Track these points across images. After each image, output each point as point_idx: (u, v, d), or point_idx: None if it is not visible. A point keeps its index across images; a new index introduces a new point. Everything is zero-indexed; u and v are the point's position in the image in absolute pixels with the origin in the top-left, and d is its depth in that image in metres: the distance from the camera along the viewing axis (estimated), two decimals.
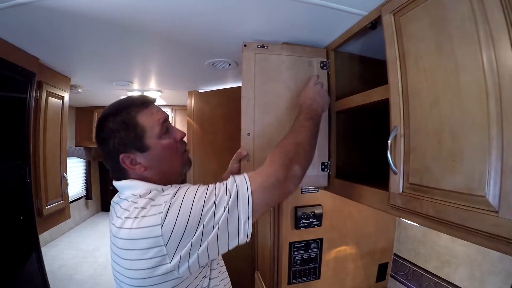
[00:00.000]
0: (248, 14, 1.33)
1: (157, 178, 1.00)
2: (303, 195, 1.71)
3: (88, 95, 3.54)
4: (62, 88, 2.41)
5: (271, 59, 1.45)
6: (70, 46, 1.78)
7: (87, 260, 4.19)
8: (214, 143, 3.03)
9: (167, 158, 1.02)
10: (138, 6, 1.26)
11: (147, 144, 0.98)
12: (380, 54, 1.37)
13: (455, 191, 0.76)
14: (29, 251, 1.92)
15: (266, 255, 2.06)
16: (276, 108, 1.43)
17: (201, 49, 1.85)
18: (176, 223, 0.80)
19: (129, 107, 0.99)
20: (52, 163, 2.30)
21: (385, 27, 1.02)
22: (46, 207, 2.20)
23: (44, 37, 1.62)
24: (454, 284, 1.47)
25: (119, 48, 1.83)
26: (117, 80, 2.76)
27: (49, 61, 2.09)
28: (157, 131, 0.99)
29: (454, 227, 0.76)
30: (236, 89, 2.83)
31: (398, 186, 0.95)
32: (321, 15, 1.29)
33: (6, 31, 1.53)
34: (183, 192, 0.88)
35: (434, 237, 1.60)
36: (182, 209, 0.82)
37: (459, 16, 0.74)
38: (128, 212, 0.87)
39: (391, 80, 0.99)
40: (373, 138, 1.54)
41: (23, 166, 1.89)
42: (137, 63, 2.25)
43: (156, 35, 1.59)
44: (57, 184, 2.40)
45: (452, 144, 0.76)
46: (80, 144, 5.03)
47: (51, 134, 2.27)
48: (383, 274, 1.94)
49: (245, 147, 1.39)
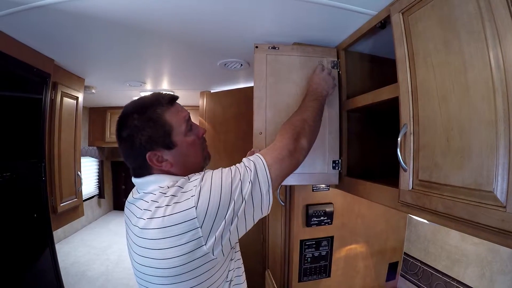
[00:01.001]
0: (259, 15, 1.35)
1: (181, 173, 1.02)
2: (314, 193, 1.72)
3: (101, 96, 3.59)
4: (77, 89, 2.46)
5: (282, 59, 1.47)
6: (84, 47, 1.82)
7: (99, 258, 4.24)
8: (226, 143, 3.06)
9: (192, 154, 1.06)
10: (152, 9, 1.29)
11: (174, 141, 1.00)
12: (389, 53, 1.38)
13: (463, 187, 0.76)
14: (43, 247, 1.97)
15: (277, 253, 2.07)
16: (287, 107, 1.44)
17: (213, 50, 1.88)
18: (209, 203, 0.84)
19: (156, 105, 1.01)
20: (66, 161, 2.35)
21: (394, 26, 1.03)
22: (61, 204, 2.26)
23: (59, 39, 1.66)
24: (464, 284, 1.47)
25: (133, 50, 1.86)
26: (130, 81, 2.79)
27: (64, 62, 2.13)
28: (183, 129, 1.02)
29: (463, 223, 0.77)
30: (248, 89, 2.86)
31: (408, 183, 0.96)
32: (331, 15, 1.30)
33: (23, 33, 1.57)
34: (210, 175, 0.93)
35: (444, 236, 1.60)
36: (213, 189, 0.87)
37: (466, 14, 0.75)
38: (157, 204, 0.89)
39: (400, 79, 1.00)
40: (382, 137, 1.54)
41: (38, 164, 1.93)
42: (150, 64, 2.28)
43: (169, 36, 1.62)
44: (71, 182, 2.45)
45: (460, 140, 0.77)
46: (93, 144, 5.09)
47: (66, 133, 2.33)
48: (393, 273, 1.94)
49: (258, 145, 1.42)
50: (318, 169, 1.47)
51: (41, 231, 1.97)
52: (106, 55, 1.99)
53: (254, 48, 1.46)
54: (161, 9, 1.30)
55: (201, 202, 0.84)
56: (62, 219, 2.35)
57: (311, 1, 1.21)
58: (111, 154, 6.25)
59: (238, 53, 1.94)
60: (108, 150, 6.07)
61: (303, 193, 1.71)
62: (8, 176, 1.65)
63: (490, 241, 0.71)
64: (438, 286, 1.61)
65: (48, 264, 2.01)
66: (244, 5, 1.25)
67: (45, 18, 1.38)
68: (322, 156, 1.47)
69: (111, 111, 4.92)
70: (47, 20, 1.40)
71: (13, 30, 1.54)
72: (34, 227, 1.91)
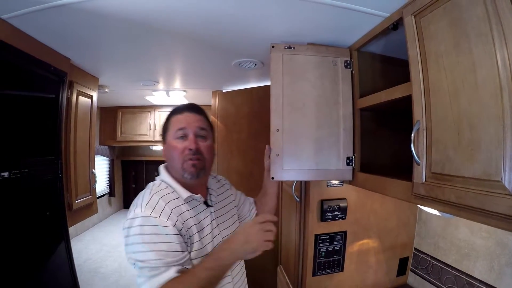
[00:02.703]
0: (275, 16, 1.41)
1: (170, 168, 1.26)
2: (329, 188, 1.77)
3: (112, 95, 3.65)
4: (91, 88, 2.52)
5: (298, 59, 1.53)
6: (100, 46, 1.88)
7: (111, 255, 4.26)
8: (239, 141, 3.10)
9: (172, 157, 1.21)
10: (171, 10, 1.35)
11: (166, 139, 1.26)
12: (400, 53, 1.45)
13: (474, 177, 0.82)
14: (59, 243, 2.02)
15: (290, 248, 2.12)
16: (302, 105, 1.50)
17: (229, 50, 1.93)
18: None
19: (175, 109, 1.28)
20: (81, 159, 2.40)
21: (407, 28, 1.08)
22: (76, 201, 2.31)
23: (75, 38, 1.71)
24: (473, 277, 1.49)
25: (148, 49, 1.92)
26: (143, 80, 2.86)
27: (79, 62, 2.19)
28: (173, 133, 1.22)
29: (474, 212, 0.82)
30: (260, 88, 2.92)
31: (421, 176, 1.01)
32: (344, 17, 1.36)
33: (41, 32, 1.63)
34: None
35: (454, 231, 1.63)
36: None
37: (475, 17, 0.80)
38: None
39: (413, 78, 1.06)
40: (393, 135, 1.60)
41: (55, 161, 1.98)
42: (164, 63, 2.34)
43: (185, 36, 1.67)
44: (86, 180, 2.51)
45: (470, 135, 0.83)
46: (104, 143, 5.15)
47: (81, 131, 2.38)
48: (403, 269, 1.96)
49: (275, 142, 1.47)
50: (333, 165, 1.52)
51: (57, 227, 2.03)
52: (121, 54, 2.04)
53: (271, 48, 1.52)
54: (180, 10, 1.36)
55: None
56: (77, 216, 2.40)
57: (325, 3, 1.26)
58: (122, 153, 6.25)
59: (253, 53, 1.99)
60: (119, 149, 6.06)
61: (318, 189, 1.75)
62: (26, 173, 1.69)
63: (499, 228, 0.77)
64: (448, 280, 1.63)
65: (63, 260, 2.07)
66: (260, 6, 1.31)
67: (64, 17, 1.43)
68: (337, 153, 1.53)
69: (122, 111, 4.99)
70: (65, 19, 1.45)
71: (31, 29, 1.59)
72: (51, 222, 1.95)
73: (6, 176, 1.52)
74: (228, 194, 1.49)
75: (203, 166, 1.22)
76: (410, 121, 1.08)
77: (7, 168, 1.54)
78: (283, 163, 1.47)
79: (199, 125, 1.23)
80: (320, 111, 1.51)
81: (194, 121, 1.23)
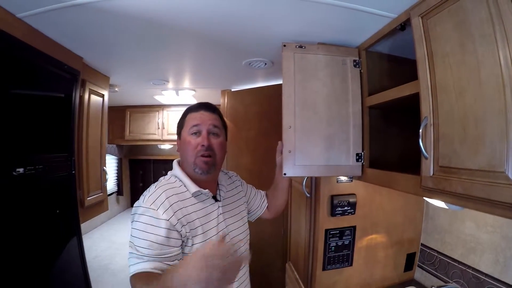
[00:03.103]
0: (287, 17, 1.44)
1: (182, 162, 1.34)
2: (338, 184, 1.81)
3: (121, 95, 3.67)
4: (102, 87, 2.56)
5: (309, 58, 1.57)
6: (112, 46, 1.91)
7: (120, 252, 4.29)
8: (248, 139, 3.15)
9: (185, 151, 1.29)
10: (182, 9, 1.38)
11: (181, 134, 1.33)
12: (407, 52, 1.49)
13: (479, 169, 0.87)
14: (71, 238, 2.06)
15: (300, 244, 2.16)
16: (314, 103, 1.55)
17: (240, 49, 1.96)
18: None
19: (192, 107, 1.35)
20: (93, 157, 2.44)
21: (414, 29, 1.13)
22: (88, 198, 2.35)
23: (89, 37, 1.74)
24: (479, 270, 1.52)
25: (160, 48, 1.95)
26: (154, 79, 2.90)
27: (91, 61, 2.23)
28: (187, 129, 1.29)
29: (480, 202, 0.87)
30: (269, 87, 2.96)
31: (429, 169, 1.06)
32: (354, 17, 1.39)
33: (55, 31, 1.65)
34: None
35: (460, 226, 1.66)
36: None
37: (478, 19, 0.86)
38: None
39: (420, 76, 1.10)
40: (400, 132, 1.64)
41: (69, 158, 2.02)
42: (175, 62, 2.37)
43: (197, 35, 1.70)
44: (98, 177, 2.54)
45: (475, 129, 0.88)
46: (112, 142, 5.19)
47: (93, 129, 2.41)
48: (410, 264, 2.00)
49: (287, 138, 1.52)
50: (343, 161, 1.56)
51: (70, 223, 2.06)
52: (133, 53, 2.07)
53: (282, 47, 1.57)
54: (194, 10, 1.39)
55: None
56: (89, 213, 2.44)
57: (336, 5, 1.30)
58: (130, 152, 6.30)
59: (264, 52, 2.02)
60: (127, 148, 6.11)
61: (328, 185, 1.79)
62: (41, 169, 1.72)
63: (504, 216, 0.82)
64: (454, 275, 1.66)
65: (75, 255, 2.10)
66: (273, 7, 1.35)
67: (79, 16, 1.46)
68: (347, 149, 1.57)
69: (131, 110, 5.02)
70: (80, 18, 1.48)
71: (46, 28, 1.61)
72: (64, 218, 1.98)
73: (21, 172, 1.56)
74: (238, 190, 1.54)
75: (214, 162, 1.28)
76: (417, 119, 1.13)
77: (23, 164, 1.58)
78: (295, 159, 1.51)
79: (213, 123, 1.30)
80: (331, 109, 1.56)
81: (208, 119, 1.30)
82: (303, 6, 1.33)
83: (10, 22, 1.42)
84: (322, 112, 1.56)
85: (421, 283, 1.94)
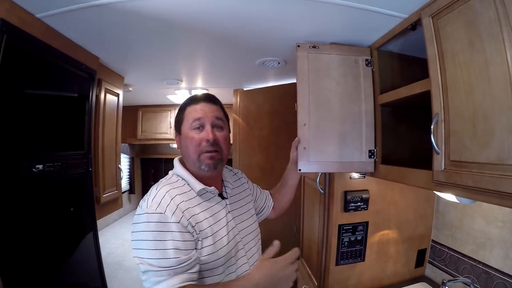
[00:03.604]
0: (301, 17, 1.48)
1: (185, 160, 1.24)
2: (351, 180, 1.84)
3: (135, 94, 3.73)
4: (117, 86, 2.60)
5: (322, 58, 1.61)
6: (127, 46, 1.94)
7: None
8: (260, 138, 3.18)
9: (188, 148, 1.18)
10: (199, 9, 1.41)
11: (181, 130, 1.22)
12: (417, 51, 1.52)
13: (489, 163, 0.90)
14: (87, 233, 2.11)
15: (313, 240, 2.20)
16: (327, 101, 1.59)
17: (254, 49, 2.00)
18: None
19: (190, 99, 1.25)
20: (109, 155, 2.49)
21: (425, 29, 1.16)
22: (103, 195, 2.39)
23: (105, 37, 1.78)
24: (489, 266, 1.53)
25: (174, 48, 1.99)
26: (167, 79, 2.94)
27: (106, 60, 2.27)
28: (189, 124, 1.18)
29: (490, 194, 0.90)
30: (281, 87, 2.99)
31: (440, 164, 1.09)
32: (366, 18, 1.43)
33: (73, 31, 1.69)
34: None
35: (470, 222, 1.67)
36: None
37: (487, 19, 0.90)
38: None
39: (431, 74, 1.14)
40: (411, 129, 1.67)
41: (86, 156, 2.07)
42: (189, 62, 2.41)
43: (211, 35, 1.73)
44: (113, 175, 2.60)
45: (484, 124, 0.91)
46: (125, 141, 5.23)
47: (108, 128, 2.47)
48: (421, 260, 2.01)
49: (302, 136, 1.56)
50: (356, 158, 1.60)
51: (87, 219, 2.12)
52: (148, 53, 2.11)
53: (296, 47, 1.61)
54: (210, 10, 1.42)
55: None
56: (104, 209, 2.48)
57: (348, 6, 1.34)
58: (141, 151, 6.36)
59: (277, 52, 2.05)
60: (139, 147, 6.18)
61: (341, 181, 1.83)
62: (59, 166, 1.75)
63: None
64: (464, 270, 1.68)
65: (91, 250, 2.15)
66: (288, 8, 1.39)
67: (97, 17, 1.49)
68: (359, 146, 1.61)
69: (143, 109, 5.09)
70: (99, 18, 1.50)
71: (65, 28, 1.64)
72: (80, 214, 2.04)
73: (40, 169, 1.59)
74: (245, 187, 1.47)
75: (220, 157, 1.19)
76: (427, 116, 1.17)
77: (42, 161, 1.61)
78: (309, 156, 1.55)
79: (216, 115, 1.20)
80: (344, 107, 1.60)
81: (210, 111, 1.19)
82: (316, 7, 1.36)
83: (29, 22, 1.45)
84: (336, 110, 1.59)
85: (432, 279, 1.95)
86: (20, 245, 1.47)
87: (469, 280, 1.55)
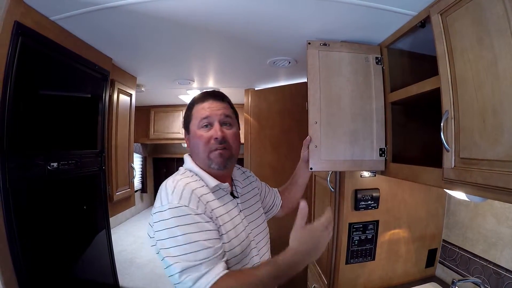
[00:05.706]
0: (311, 16, 1.49)
1: (194, 157, 1.23)
2: (362, 179, 1.84)
3: (147, 95, 3.79)
4: (130, 87, 2.65)
5: (332, 55, 1.62)
6: (139, 47, 1.98)
7: (145, 246, 4.36)
8: (272, 137, 3.19)
9: (196, 147, 1.18)
10: (210, 10, 1.43)
11: (190, 128, 1.22)
12: (427, 49, 1.51)
13: (498, 160, 0.90)
14: (100, 230, 2.16)
15: None
16: (338, 99, 1.59)
17: (265, 48, 2.01)
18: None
19: (197, 97, 1.25)
20: (122, 154, 2.54)
21: (434, 26, 1.16)
22: (116, 193, 2.45)
23: (119, 38, 1.82)
24: (500, 266, 1.51)
25: (186, 49, 2.02)
26: (179, 79, 2.98)
27: (119, 61, 2.32)
28: (197, 122, 1.18)
29: (499, 191, 0.90)
30: (292, 86, 3.00)
31: (450, 162, 1.09)
32: (375, 16, 1.43)
33: (87, 33, 1.73)
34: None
35: (481, 221, 1.65)
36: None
37: (495, 15, 0.89)
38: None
39: (441, 71, 1.14)
40: (421, 127, 1.66)
41: (99, 155, 2.12)
42: (200, 62, 2.43)
43: (223, 35, 1.76)
44: (126, 173, 2.65)
45: (494, 121, 0.91)
46: (137, 141, 5.31)
47: (121, 127, 2.52)
48: (432, 260, 1.99)
49: (313, 134, 1.56)
50: (367, 156, 1.60)
51: (100, 216, 2.17)
52: (160, 53, 2.14)
53: (307, 45, 1.61)
54: (221, 11, 1.44)
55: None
56: (117, 207, 2.54)
57: (357, 4, 1.35)
58: (153, 150, 6.45)
59: (288, 51, 2.06)
60: (151, 146, 6.27)
61: (352, 179, 1.82)
62: (73, 164, 1.80)
63: None
64: (475, 270, 1.66)
65: (104, 247, 2.20)
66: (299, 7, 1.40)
67: (111, 19, 1.51)
68: (371, 144, 1.60)
69: (155, 110, 5.17)
70: (112, 20, 1.53)
71: (78, 30, 1.69)
72: (94, 212, 2.10)
73: (55, 167, 1.64)
74: (254, 186, 1.45)
75: (230, 155, 1.18)
76: (436, 113, 1.17)
77: (56, 159, 1.65)
78: (320, 154, 1.55)
79: (224, 112, 1.19)
80: (355, 105, 1.59)
81: (218, 108, 1.18)
82: (326, 5, 1.37)
83: (43, 25, 1.49)
84: (347, 108, 1.59)
85: (442, 279, 1.93)
86: (34, 241, 1.51)
87: (479, 280, 1.53)
